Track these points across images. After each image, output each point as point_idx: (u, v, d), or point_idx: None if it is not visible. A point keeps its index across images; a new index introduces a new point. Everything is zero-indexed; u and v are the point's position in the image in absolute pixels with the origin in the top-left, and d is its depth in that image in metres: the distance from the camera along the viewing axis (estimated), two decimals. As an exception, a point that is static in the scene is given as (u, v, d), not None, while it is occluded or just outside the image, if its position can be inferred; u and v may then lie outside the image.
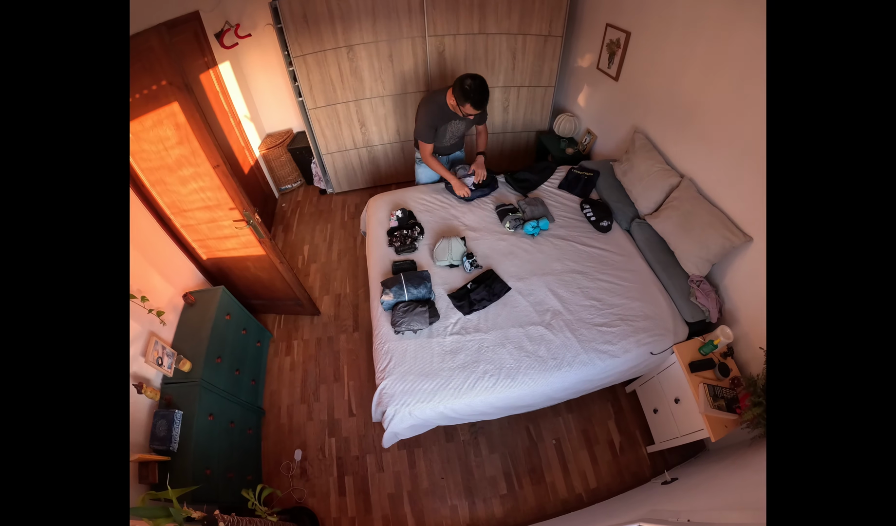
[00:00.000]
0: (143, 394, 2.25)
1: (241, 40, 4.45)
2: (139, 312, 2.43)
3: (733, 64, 2.55)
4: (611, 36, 3.80)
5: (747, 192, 2.57)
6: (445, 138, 3.49)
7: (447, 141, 3.54)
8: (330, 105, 4.39)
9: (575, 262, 3.12)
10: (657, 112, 3.41)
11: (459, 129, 3.48)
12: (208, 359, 2.64)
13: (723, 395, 2.39)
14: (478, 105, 2.93)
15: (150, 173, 2.67)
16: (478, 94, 2.90)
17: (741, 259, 2.68)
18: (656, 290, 2.91)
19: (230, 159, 4.20)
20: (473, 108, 2.94)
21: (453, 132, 3.48)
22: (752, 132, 2.47)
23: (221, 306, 2.94)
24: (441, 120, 3.27)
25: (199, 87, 3.84)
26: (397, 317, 2.70)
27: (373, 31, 3.97)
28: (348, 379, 3.46)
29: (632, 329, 2.70)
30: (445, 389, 2.46)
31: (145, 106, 2.30)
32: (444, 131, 3.40)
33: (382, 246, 3.32)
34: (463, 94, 2.90)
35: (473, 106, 2.93)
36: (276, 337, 3.81)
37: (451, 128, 3.40)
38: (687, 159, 3.14)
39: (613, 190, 3.60)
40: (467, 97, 2.90)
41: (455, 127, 3.42)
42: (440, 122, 3.28)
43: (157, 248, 2.91)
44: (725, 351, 2.59)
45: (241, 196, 2.69)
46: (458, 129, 3.49)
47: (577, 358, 2.58)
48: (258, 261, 3.23)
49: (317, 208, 5.21)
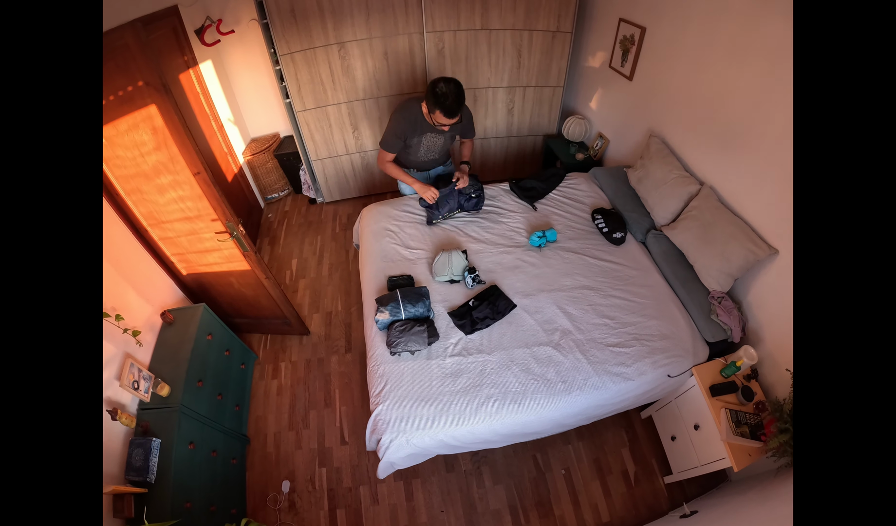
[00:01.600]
0: (117, 421, 2.26)
1: (223, 37, 4.50)
2: (113, 332, 2.44)
3: (758, 60, 2.57)
4: (624, 32, 3.84)
5: (773, 200, 2.58)
6: (420, 153, 3.36)
7: (422, 155, 3.40)
8: (320, 107, 4.42)
9: (586, 277, 3.14)
10: (675, 114, 3.44)
11: (436, 144, 3.34)
12: (188, 382, 2.65)
13: (746, 421, 2.40)
14: (449, 113, 2.80)
15: (125, 181, 2.69)
16: (450, 99, 2.76)
17: (766, 273, 2.69)
18: (674, 307, 2.93)
19: (212, 166, 4.24)
20: (445, 116, 2.82)
21: (429, 147, 3.33)
22: (778, 135, 2.49)
23: (203, 326, 2.95)
24: (412, 131, 3.15)
25: (179, 87, 3.89)
26: (393, 337, 2.71)
27: (366, 26, 4.01)
28: (340, 404, 3.47)
29: (647, 350, 2.72)
30: (446, 415, 2.47)
31: (120, 108, 2.31)
32: (417, 145, 3.27)
33: (377, 261, 3.33)
34: (434, 99, 2.79)
35: (445, 114, 2.81)
36: (261, 359, 3.82)
37: (426, 142, 3.27)
38: (707, 165, 3.16)
39: (627, 199, 3.64)
40: (438, 103, 2.78)
41: (431, 141, 3.28)
42: (411, 133, 3.16)
43: (133, 262, 2.92)
44: (749, 373, 2.61)
45: (223, 206, 2.71)
46: (435, 145, 3.34)
47: (588, 381, 2.60)
48: (242, 276, 3.25)
49: (306, 219, 5.25)
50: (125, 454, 2.30)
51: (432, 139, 3.27)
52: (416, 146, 3.29)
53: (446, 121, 2.87)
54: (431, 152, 3.41)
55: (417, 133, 3.18)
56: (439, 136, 3.26)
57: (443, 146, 3.42)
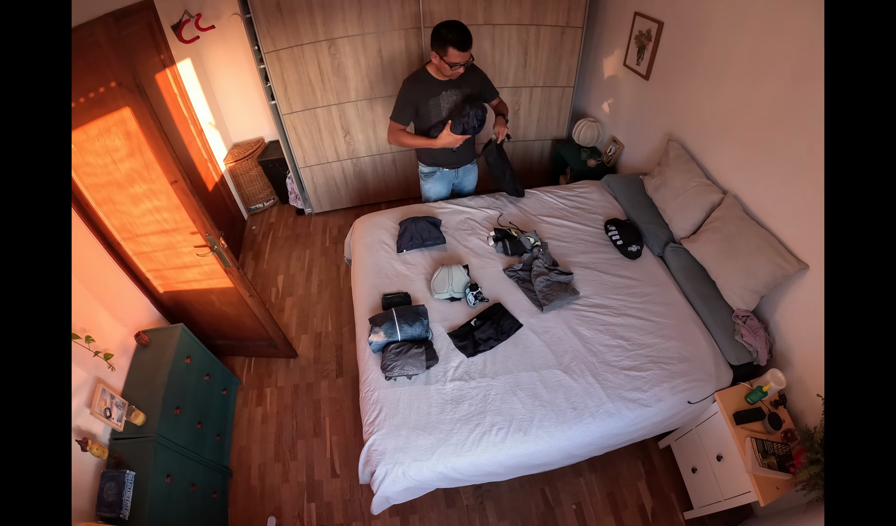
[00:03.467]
0: (87, 452, 2.27)
1: (202, 33, 4.53)
2: (83, 356, 2.43)
3: (786, 58, 2.59)
4: (640, 27, 3.87)
5: (803, 210, 2.60)
6: (443, 115, 3.32)
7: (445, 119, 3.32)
8: (308, 109, 4.47)
9: (599, 294, 3.17)
10: (695, 116, 3.47)
11: (454, 103, 3.31)
12: (165, 410, 2.66)
13: (774, 451, 2.42)
14: (462, 42, 2.91)
15: (95, 191, 2.70)
16: (456, 30, 2.90)
17: (795, 290, 2.71)
18: (695, 327, 2.95)
19: (191, 174, 4.23)
20: (458, 48, 2.92)
21: (449, 108, 3.32)
22: (808, 138, 2.50)
23: (181, 348, 2.97)
24: (425, 92, 3.22)
25: (155, 88, 3.92)
26: (388, 360, 2.72)
27: (359, 22, 4.04)
28: (331, 433, 3.48)
29: (666, 373, 2.73)
30: (446, 445, 2.48)
31: (90, 111, 2.33)
32: (435, 107, 3.29)
33: (371, 277, 3.36)
34: (440, 38, 2.93)
35: (457, 46, 2.91)
36: (245, 384, 3.84)
37: (446, 102, 3.30)
38: (730, 172, 3.19)
39: (644, 209, 3.67)
40: (446, 38, 2.91)
41: (448, 101, 3.29)
42: (425, 95, 3.23)
43: (105, 279, 2.95)
44: (777, 399, 2.63)
45: (203, 217, 2.73)
46: (453, 103, 3.31)
47: (601, 408, 2.61)
48: (224, 294, 3.28)
49: (293, 232, 5.29)
50: (96, 488, 2.30)
51: (451, 98, 3.30)
52: (437, 110, 3.31)
53: (461, 56, 2.95)
54: (449, 109, 3.37)
55: (433, 93, 3.23)
56: (453, 90, 3.27)
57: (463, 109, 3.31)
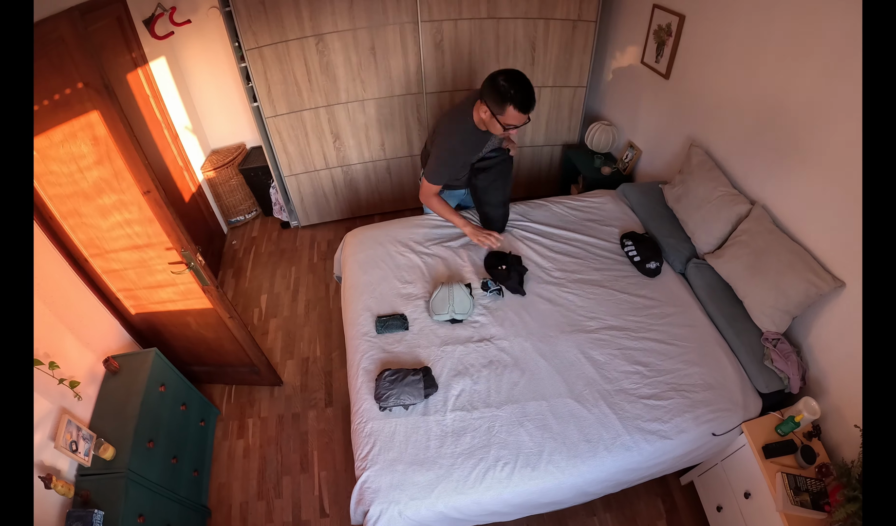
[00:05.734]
0: (52, 489, 2.27)
1: (177, 28, 4.57)
2: (47, 384, 2.43)
3: (821, 54, 2.61)
4: (659, 20, 3.92)
5: (838, 222, 2.61)
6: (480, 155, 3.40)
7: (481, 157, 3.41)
8: (294, 112, 4.51)
9: (614, 315, 3.19)
10: (720, 119, 3.50)
11: (492, 145, 3.39)
12: (137, 443, 2.68)
13: (807, 487, 2.42)
14: (525, 105, 2.84)
15: (60, 202, 2.72)
16: (520, 88, 2.80)
17: (831, 311, 2.72)
18: (720, 351, 2.97)
19: (165, 183, 4.25)
20: (519, 110, 2.84)
21: (488, 150, 3.39)
22: (845, 143, 2.51)
23: (154, 375, 2.99)
24: (475, 152, 3.25)
25: (125, 89, 3.97)
26: (383, 389, 2.73)
27: (349, 15, 4.09)
28: (319, 469, 3.49)
29: (688, 402, 2.74)
30: (446, 482, 2.48)
31: (54, 115, 2.34)
32: (476, 157, 3.35)
33: (363, 297, 3.37)
34: (498, 93, 2.82)
35: (519, 108, 2.83)
36: (225, 414, 3.86)
37: (486, 148, 3.35)
38: (759, 180, 3.21)
39: (663, 221, 3.70)
40: (506, 96, 2.80)
41: (489, 146, 3.36)
42: (473, 154, 3.26)
43: (71, 299, 2.96)
44: (810, 430, 2.63)
45: (178, 231, 2.74)
46: (491, 146, 3.39)
47: (617, 440, 2.61)
48: (202, 315, 3.30)
49: (277, 247, 5.33)
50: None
51: (492, 144, 3.35)
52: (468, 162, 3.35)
53: (520, 118, 2.89)
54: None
55: (479, 148, 3.26)
56: (493, 138, 3.31)
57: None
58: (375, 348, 3.06)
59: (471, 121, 3.10)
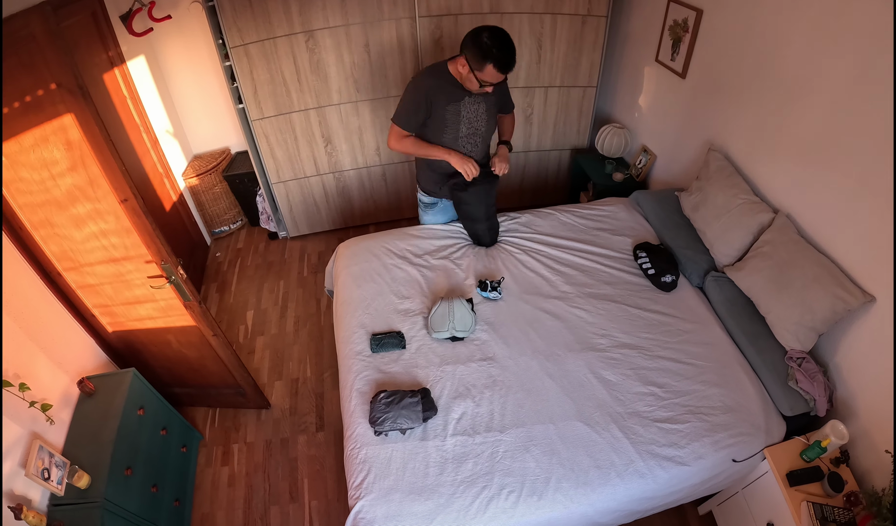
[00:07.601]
0: (22, 520, 2.27)
1: (157, 25, 4.57)
2: (17, 407, 2.43)
3: (849, 51, 2.62)
4: (675, 15, 3.95)
5: (868, 232, 2.63)
6: (461, 130, 3.31)
7: (463, 133, 3.34)
8: (282, 114, 4.53)
9: (626, 332, 3.21)
10: (740, 121, 3.53)
11: (479, 115, 3.31)
12: (114, 470, 2.68)
13: (834, 517, 2.43)
14: (505, 65, 2.89)
15: (31, 211, 2.71)
16: (502, 47, 2.84)
17: (860, 327, 2.74)
18: (740, 371, 2.98)
19: (144, 191, 4.30)
20: (498, 69, 2.89)
21: (471, 120, 3.30)
22: (875, 148, 2.53)
23: (132, 397, 3.00)
24: (443, 96, 3.16)
25: (101, 90, 4.00)
26: (378, 412, 2.73)
27: (342, 10, 4.11)
28: (310, 498, 3.49)
29: (707, 426, 2.74)
30: (446, 513, 2.48)
31: (25, 118, 2.33)
32: (454, 118, 3.24)
33: (357, 313, 3.38)
34: (479, 48, 2.85)
35: (499, 67, 2.88)
36: (208, 439, 3.86)
37: (467, 112, 3.25)
38: (783, 187, 3.23)
39: (680, 230, 3.73)
40: (488, 54, 2.84)
41: (471, 110, 3.26)
42: (441, 100, 3.17)
43: (43, 316, 2.97)
44: (838, 456, 2.63)
45: (158, 242, 2.74)
46: (478, 116, 3.31)
47: (629, 467, 2.62)
48: (183, 333, 3.31)
49: (265, 259, 5.35)
50: (33, 564, 2.32)
51: (473, 108, 3.27)
52: (454, 120, 3.27)
53: (497, 77, 2.95)
54: (475, 127, 3.37)
55: (452, 99, 3.19)
56: (481, 102, 3.27)
57: (488, 121, 3.41)
58: (370, 368, 3.06)
59: (442, 66, 3.16)
